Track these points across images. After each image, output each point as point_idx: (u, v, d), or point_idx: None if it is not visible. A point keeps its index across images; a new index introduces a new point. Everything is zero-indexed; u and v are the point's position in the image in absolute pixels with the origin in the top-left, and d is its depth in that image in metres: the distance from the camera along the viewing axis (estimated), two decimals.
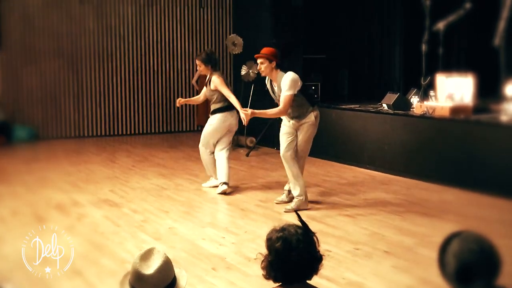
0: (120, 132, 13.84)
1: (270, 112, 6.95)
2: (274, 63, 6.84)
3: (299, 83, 6.80)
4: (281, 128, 7.09)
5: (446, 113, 8.43)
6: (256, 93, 11.13)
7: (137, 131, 14.02)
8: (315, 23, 11.87)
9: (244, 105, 8.48)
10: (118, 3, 13.62)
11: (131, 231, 6.22)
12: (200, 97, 8.50)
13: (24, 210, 7.05)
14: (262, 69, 6.88)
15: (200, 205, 7.34)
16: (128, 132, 13.93)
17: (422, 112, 8.71)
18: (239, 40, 11.91)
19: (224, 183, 7.80)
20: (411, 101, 9.40)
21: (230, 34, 13.47)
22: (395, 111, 9.15)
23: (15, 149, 12.00)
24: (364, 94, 11.45)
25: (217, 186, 7.94)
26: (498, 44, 8.69)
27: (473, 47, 10.73)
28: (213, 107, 7.98)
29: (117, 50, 13.70)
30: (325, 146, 10.03)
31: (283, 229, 2.68)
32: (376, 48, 12.04)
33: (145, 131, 14.09)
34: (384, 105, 9.43)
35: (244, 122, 7.01)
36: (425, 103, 8.88)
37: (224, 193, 7.75)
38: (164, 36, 14.15)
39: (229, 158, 8.03)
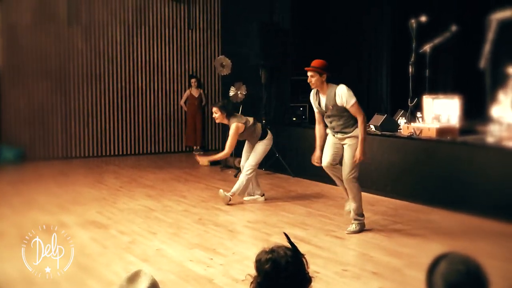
0: (108, 153, 13.81)
1: (361, 130, 6.73)
2: (325, 76, 6.92)
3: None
4: (327, 140, 7.08)
5: (432, 134, 8.49)
6: (245, 114, 11.13)
7: (125, 152, 13.99)
8: (303, 45, 11.93)
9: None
10: (106, 24, 13.66)
11: (118, 252, 6.18)
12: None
13: (10, 232, 7.00)
14: (313, 81, 6.93)
15: (188, 227, 7.32)
16: (116, 153, 13.90)
17: (409, 133, 8.76)
18: (227, 62, 11.97)
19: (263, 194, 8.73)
20: (398, 122, 9.46)
21: (218, 56, 13.53)
22: (383, 132, 9.20)
23: (1, 170, 11.92)
24: None
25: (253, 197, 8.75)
26: (484, 66, 8.78)
27: (459, 69, 10.83)
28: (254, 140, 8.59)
29: (106, 71, 13.72)
30: (313, 167, 10.02)
31: (272, 250, 2.67)
32: (363, 70, 12.12)
33: (133, 152, 14.07)
34: (372, 126, 9.47)
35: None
36: (412, 124, 8.94)
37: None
38: (152, 57, 14.18)
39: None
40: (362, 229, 6.90)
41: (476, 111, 9.10)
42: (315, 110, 7.14)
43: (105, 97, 13.76)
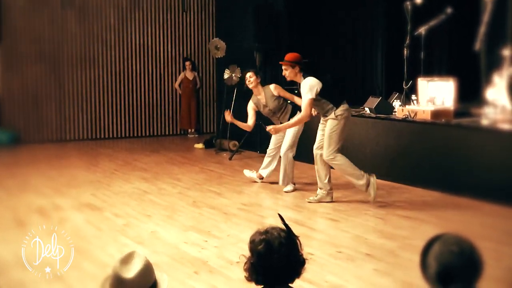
0: (102, 136, 13.79)
1: (294, 120, 7.37)
2: (297, 68, 7.14)
3: (318, 87, 7.02)
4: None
5: (427, 117, 8.48)
6: (239, 97, 11.12)
7: (119, 135, 13.97)
8: (297, 28, 11.89)
9: (227, 109, 8.60)
10: (100, 8, 13.58)
11: (113, 235, 6.19)
12: (250, 125, 8.60)
13: (5, 215, 6.99)
14: (287, 74, 7.21)
15: (182, 209, 7.32)
16: (111, 136, 13.88)
17: (404, 116, 8.75)
18: (222, 44, 11.92)
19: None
20: (393, 105, 9.44)
21: (212, 38, 13.47)
22: (377, 115, 9.19)
23: None
24: (347, 98, 11.45)
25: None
26: (479, 48, 8.76)
27: (454, 51, 10.81)
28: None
29: (100, 54, 13.66)
30: (308, 149, 10.02)
31: (266, 231, 2.68)
32: (358, 52, 12.08)
33: (127, 135, 14.05)
34: (366, 109, 9.46)
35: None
36: (407, 107, 8.93)
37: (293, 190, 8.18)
38: (146, 40, 14.12)
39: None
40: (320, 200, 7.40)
41: (471, 93, 9.08)
42: None
43: (99, 80, 13.70)
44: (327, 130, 7.17)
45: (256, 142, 11.34)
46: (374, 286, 4.72)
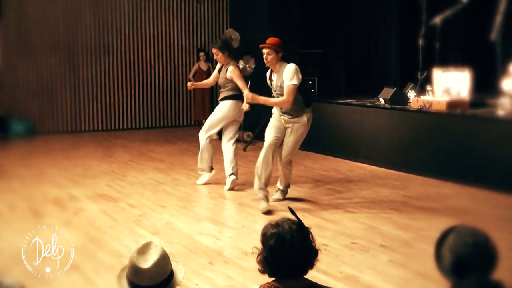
0: (117, 127, 13.83)
1: (274, 100, 6.82)
2: (280, 54, 6.79)
3: (300, 77, 6.71)
4: (270, 121, 6.99)
5: (442, 107, 8.44)
6: (253, 88, 11.10)
7: (134, 126, 14.01)
8: (311, 18, 11.85)
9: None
10: None
11: (128, 225, 6.22)
12: (210, 81, 8.54)
13: (21, 205, 7.05)
14: (269, 59, 6.77)
15: (197, 200, 7.35)
16: (125, 127, 13.92)
17: (419, 107, 8.71)
18: (236, 35, 11.89)
19: (232, 173, 7.81)
20: (408, 95, 9.40)
21: (226, 29, 13.45)
22: (392, 106, 9.16)
23: (11, 144, 11.98)
24: (361, 89, 11.45)
25: (208, 183, 8.04)
26: (495, 38, 8.70)
27: (470, 41, 10.74)
28: (224, 94, 7.97)
29: (114, 44, 13.68)
30: (322, 140, 10.04)
31: (277, 224, 2.67)
32: (373, 42, 12.04)
33: (142, 126, 14.09)
34: (381, 99, 9.43)
35: (245, 107, 7.24)
36: (422, 97, 8.89)
37: (233, 188, 7.75)
38: (161, 30, 14.13)
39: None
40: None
41: (486, 84, 9.03)
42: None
43: (113, 70, 13.74)
44: (296, 134, 6.81)
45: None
46: (388, 277, 4.73)
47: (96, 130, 13.55)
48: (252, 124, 11.02)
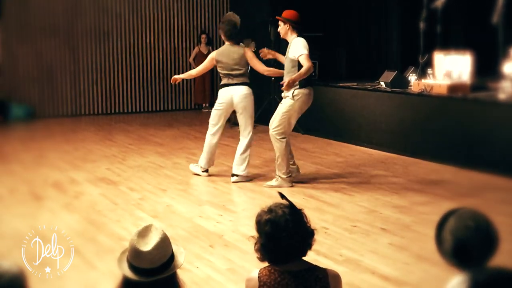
0: (117, 110, 13.81)
1: (301, 71, 6.71)
2: (288, 25, 6.92)
3: (308, 48, 6.76)
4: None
5: (444, 91, 8.41)
6: (254, 70, 11.07)
7: (134, 109, 13.98)
8: (312, 1, 11.78)
9: None
10: None
11: (129, 209, 6.23)
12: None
13: (21, 188, 7.05)
14: (279, 30, 7.06)
15: (197, 183, 7.35)
16: (125, 110, 13.89)
17: (420, 90, 8.68)
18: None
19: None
20: (409, 79, 9.37)
21: (227, 12, 13.38)
22: (393, 89, 9.12)
23: (12, 128, 11.97)
24: (362, 72, 11.40)
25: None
26: (497, 21, 8.64)
27: (471, 24, 10.67)
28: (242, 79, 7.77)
29: (114, 28, 13.62)
30: (323, 124, 10.02)
31: (270, 211, 2.66)
32: (374, 26, 11.97)
33: (142, 109, 14.06)
34: (382, 83, 9.40)
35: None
36: (423, 81, 8.86)
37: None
38: (161, 13, 14.06)
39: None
40: (280, 185, 6.85)
41: (488, 67, 8.99)
42: None
43: (113, 54, 13.68)
44: (281, 107, 6.95)
45: (270, 116, 11.29)
46: (389, 260, 4.73)
47: (96, 114, 13.53)
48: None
